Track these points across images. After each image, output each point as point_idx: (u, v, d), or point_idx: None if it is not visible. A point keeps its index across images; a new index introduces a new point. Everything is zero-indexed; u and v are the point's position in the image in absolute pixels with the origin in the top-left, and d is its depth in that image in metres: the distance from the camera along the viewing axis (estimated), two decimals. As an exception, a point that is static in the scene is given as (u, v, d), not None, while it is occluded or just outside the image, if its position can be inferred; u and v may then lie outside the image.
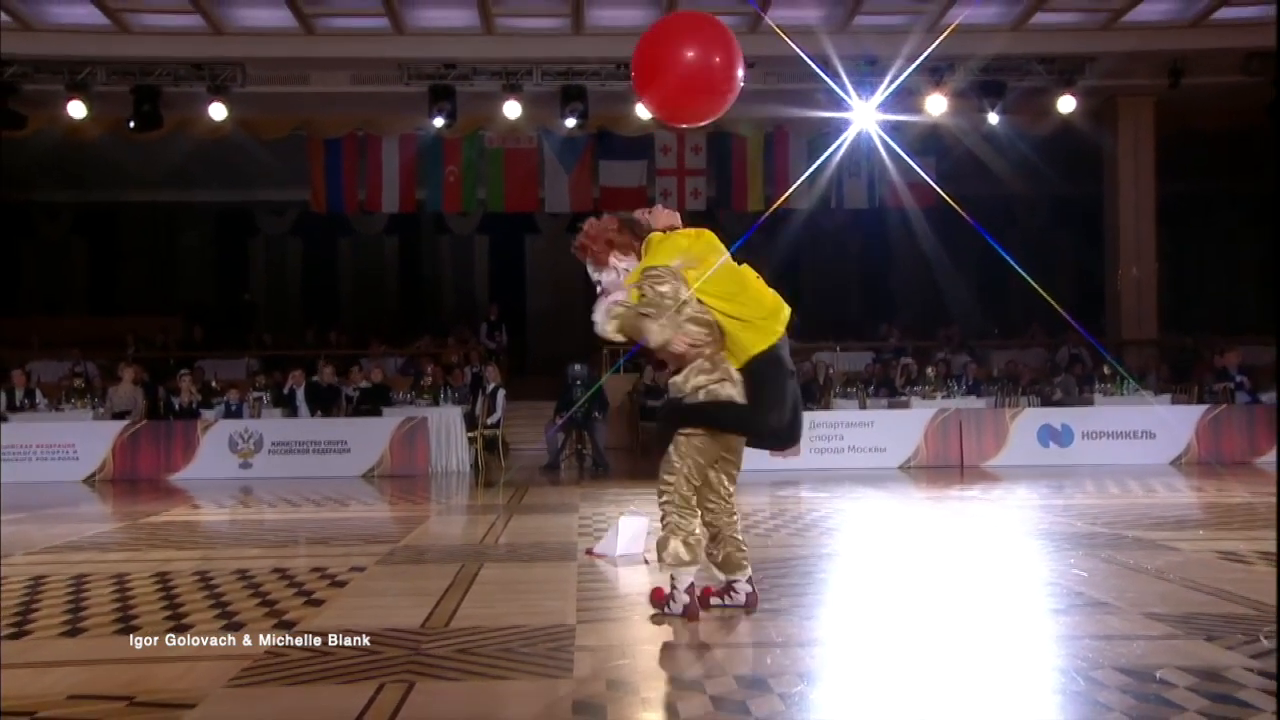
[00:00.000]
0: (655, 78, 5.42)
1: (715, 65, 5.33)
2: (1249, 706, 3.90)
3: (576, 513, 10.21)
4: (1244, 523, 9.12)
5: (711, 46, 5.36)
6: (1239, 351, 17.46)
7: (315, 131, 19.57)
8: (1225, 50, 16.97)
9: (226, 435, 15.22)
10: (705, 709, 3.98)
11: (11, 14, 15.51)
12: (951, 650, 4.91)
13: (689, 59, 5.32)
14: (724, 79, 5.35)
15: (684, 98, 5.45)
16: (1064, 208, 23.04)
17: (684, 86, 5.37)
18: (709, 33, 5.47)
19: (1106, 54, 17.18)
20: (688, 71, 5.30)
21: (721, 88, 5.38)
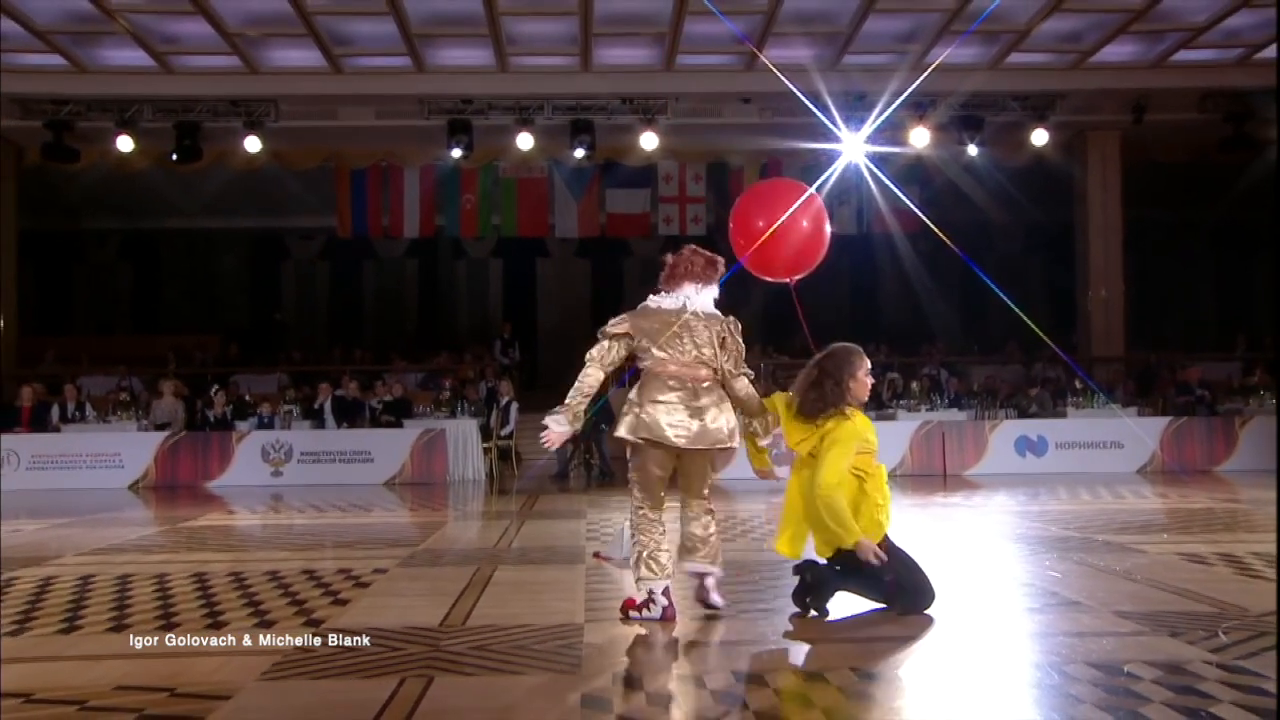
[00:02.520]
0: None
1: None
2: (1209, 697, 3.89)
3: (584, 519, 10.22)
4: (1204, 526, 9.11)
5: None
6: (1199, 368, 17.49)
7: (342, 163, 19.64)
8: (1184, 90, 17.05)
9: (259, 446, 15.25)
10: (705, 702, 3.98)
11: (67, 57, 15.61)
12: (935, 646, 4.91)
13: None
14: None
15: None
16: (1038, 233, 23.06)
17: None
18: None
19: (1076, 91, 17.23)
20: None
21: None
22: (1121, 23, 15.21)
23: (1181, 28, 15.52)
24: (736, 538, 8.85)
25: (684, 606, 5.87)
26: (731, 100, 17.52)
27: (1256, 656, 4.45)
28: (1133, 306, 19.78)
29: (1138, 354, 19.50)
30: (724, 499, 12.28)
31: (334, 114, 17.54)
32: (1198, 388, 16.47)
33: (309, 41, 15.35)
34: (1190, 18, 15.23)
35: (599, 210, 20.45)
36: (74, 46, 15.49)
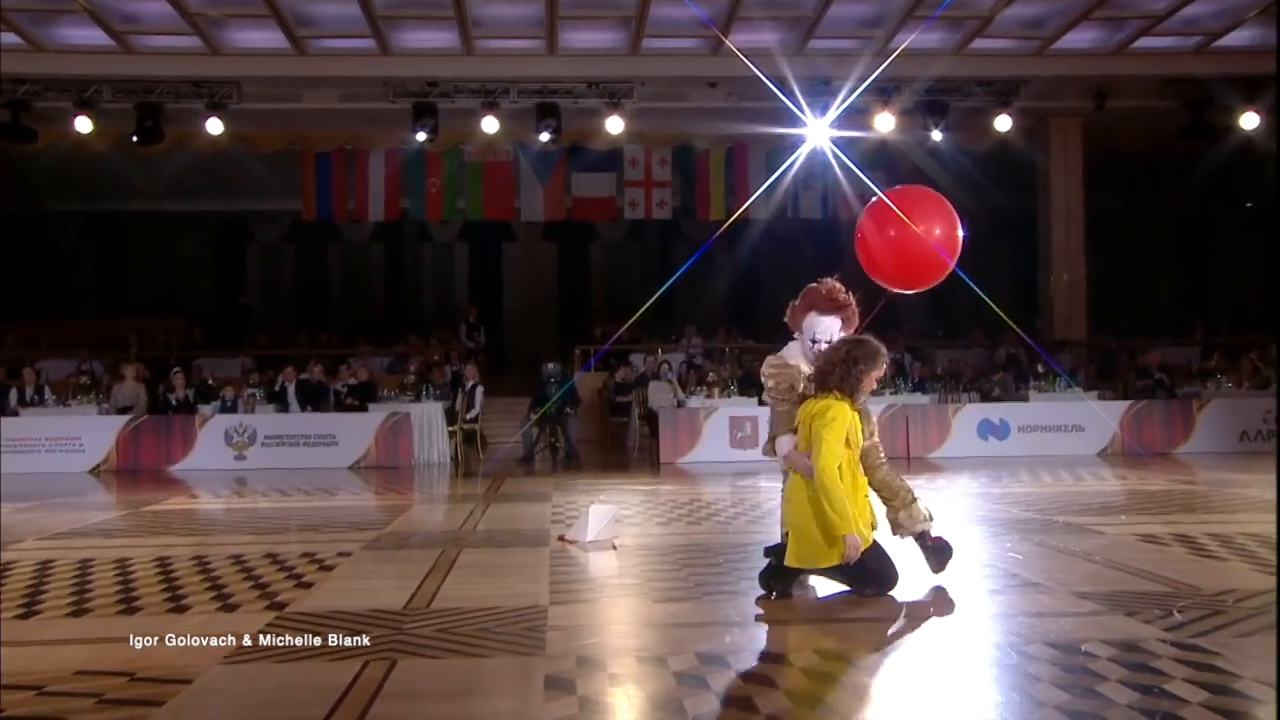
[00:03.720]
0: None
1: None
2: (1163, 674, 3.95)
3: (550, 502, 10.21)
4: (1162, 508, 9.22)
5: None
6: (1159, 352, 17.68)
7: (307, 145, 19.48)
8: (1144, 77, 17.20)
9: (222, 429, 15.14)
10: (668, 684, 3.99)
11: (23, 36, 15.38)
12: (899, 628, 4.95)
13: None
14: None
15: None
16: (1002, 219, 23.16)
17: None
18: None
19: (1038, 78, 17.34)
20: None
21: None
22: (1083, 9, 15.31)
23: (1142, 15, 15.66)
24: (701, 521, 8.87)
25: (647, 589, 5.89)
26: (698, 84, 17.50)
27: (1209, 635, 4.51)
28: (1094, 291, 19.96)
29: (1099, 338, 19.69)
30: (688, 482, 12.34)
31: (298, 96, 17.38)
32: (1157, 372, 16.65)
33: (272, 22, 15.20)
34: (1150, 5, 15.37)
35: (565, 194, 20.41)
36: (31, 25, 15.26)
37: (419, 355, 20.05)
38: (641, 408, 16.82)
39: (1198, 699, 3.64)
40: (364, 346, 20.95)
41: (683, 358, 19.49)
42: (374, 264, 26.57)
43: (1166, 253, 25.77)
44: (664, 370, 17.27)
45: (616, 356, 19.41)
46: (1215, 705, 3.57)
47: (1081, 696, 3.73)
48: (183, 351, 20.27)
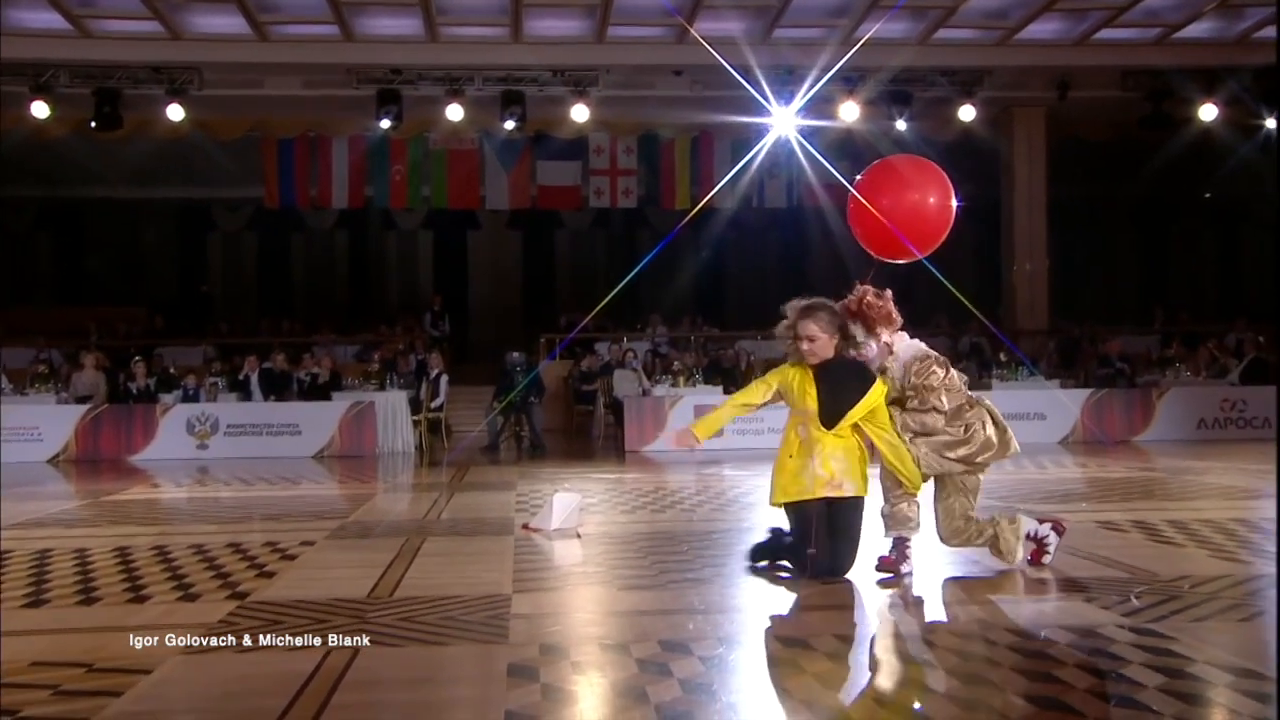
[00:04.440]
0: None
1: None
2: (1120, 659, 3.99)
3: (514, 490, 10.19)
4: (1122, 495, 9.33)
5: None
6: (1120, 341, 17.87)
7: (269, 132, 19.31)
8: (1106, 67, 17.35)
9: (184, 418, 15.02)
10: (630, 671, 3.99)
11: (-25, 18, 15.13)
12: (860, 614, 4.99)
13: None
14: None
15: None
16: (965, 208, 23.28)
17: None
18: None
19: (1002, 68, 17.46)
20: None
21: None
22: (1046, 0, 15.40)
23: (1103, 7, 15.77)
24: (666, 509, 8.89)
25: (611, 577, 5.89)
26: (663, 73, 17.48)
27: (1166, 619, 4.57)
28: (1056, 280, 20.13)
29: (1060, 326, 19.86)
30: (653, 470, 12.37)
31: (260, 83, 17.23)
32: (1118, 360, 16.82)
33: (233, 7, 15.05)
34: (1112, -4, 15.50)
35: (530, 182, 20.35)
36: (-16, 8, 15.02)
37: (384, 344, 19.95)
38: (606, 396, 16.82)
39: (1154, 683, 3.68)
40: (327, 335, 20.83)
41: (648, 346, 19.50)
42: (338, 252, 26.41)
43: (1127, 242, 26.04)
44: (629, 359, 17.28)
45: (582, 345, 19.39)
46: (1171, 689, 3.62)
47: (1040, 681, 3.77)
48: (144, 340, 20.07)
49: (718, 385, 16.06)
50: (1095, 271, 24.94)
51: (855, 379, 5.60)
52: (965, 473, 5.65)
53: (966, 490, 5.69)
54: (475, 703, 3.72)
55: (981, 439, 5.59)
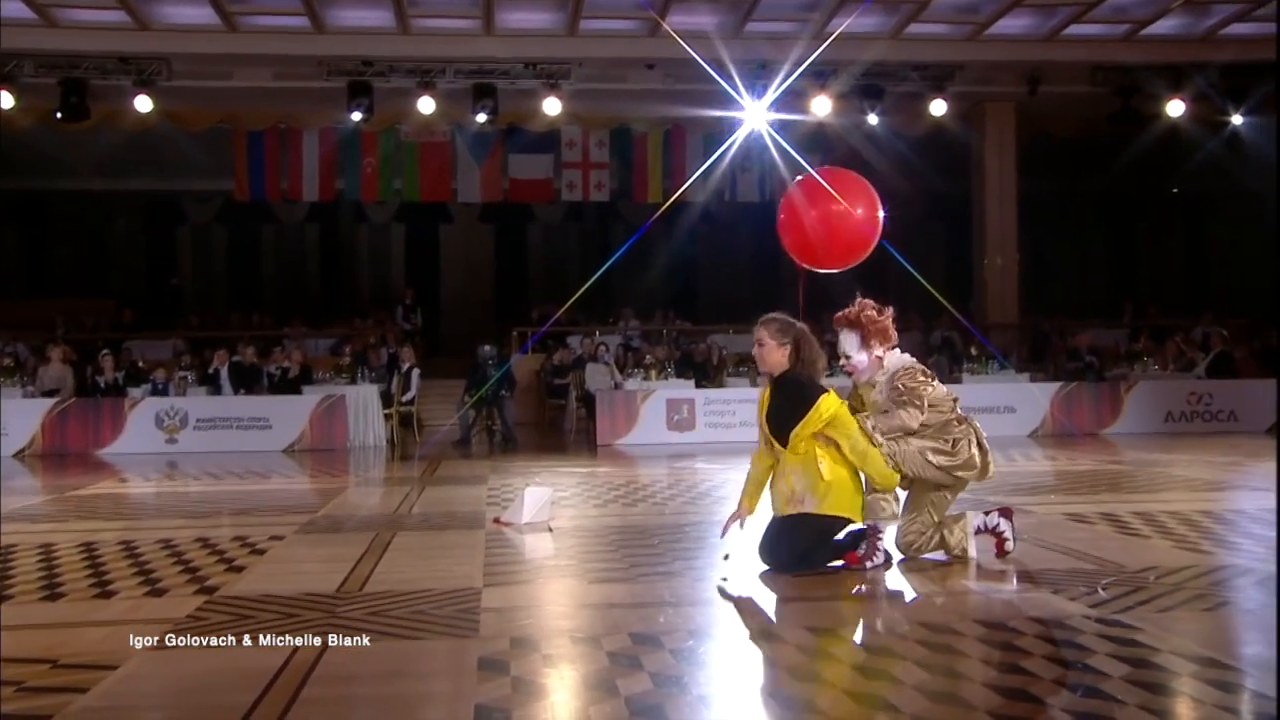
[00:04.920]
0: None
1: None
2: (1086, 649, 4.03)
3: (485, 484, 10.17)
4: (1090, 488, 9.40)
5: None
6: (1089, 335, 18.01)
7: (239, 124, 19.15)
8: (1075, 63, 17.45)
9: (153, 412, 14.91)
10: (601, 663, 4.00)
11: (-62, 7, 14.93)
12: (829, 608, 5.00)
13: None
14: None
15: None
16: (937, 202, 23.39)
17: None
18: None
19: (973, 63, 17.53)
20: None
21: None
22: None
23: (1072, 3, 15.87)
24: (637, 502, 8.90)
25: (582, 570, 5.90)
26: (635, 66, 17.45)
27: (1132, 610, 4.61)
28: (1026, 274, 20.25)
29: (1030, 321, 19.99)
30: (625, 464, 12.37)
31: (229, 74, 17.08)
32: (1087, 354, 16.95)
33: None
34: (1081, -8, 15.59)
35: (502, 175, 20.28)
36: (-53, -3, 14.83)
37: (355, 337, 19.86)
38: (579, 390, 16.81)
39: (1119, 673, 3.72)
40: (298, 328, 20.71)
41: (620, 340, 19.50)
42: (309, 245, 26.25)
43: (1096, 237, 26.24)
44: (601, 352, 17.27)
45: (554, 339, 19.36)
46: (1135, 678, 3.65)
47: (1008, 672, 3.80)
48: (112, 333, 19.90)
49: (689, 379, 16.09)
50: (1065, 266, 25.11)
51: (799, 395, 5.61)
52: (941, 485, 5.69)
53: (935, 508, 5.76)
54: (446, 697, 3.71)
55: (965, 456, 5.66)
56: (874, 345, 5.79)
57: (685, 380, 15.99)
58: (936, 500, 5.76)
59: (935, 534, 5.78)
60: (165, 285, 24.61)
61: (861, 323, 5.80)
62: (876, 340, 5.79)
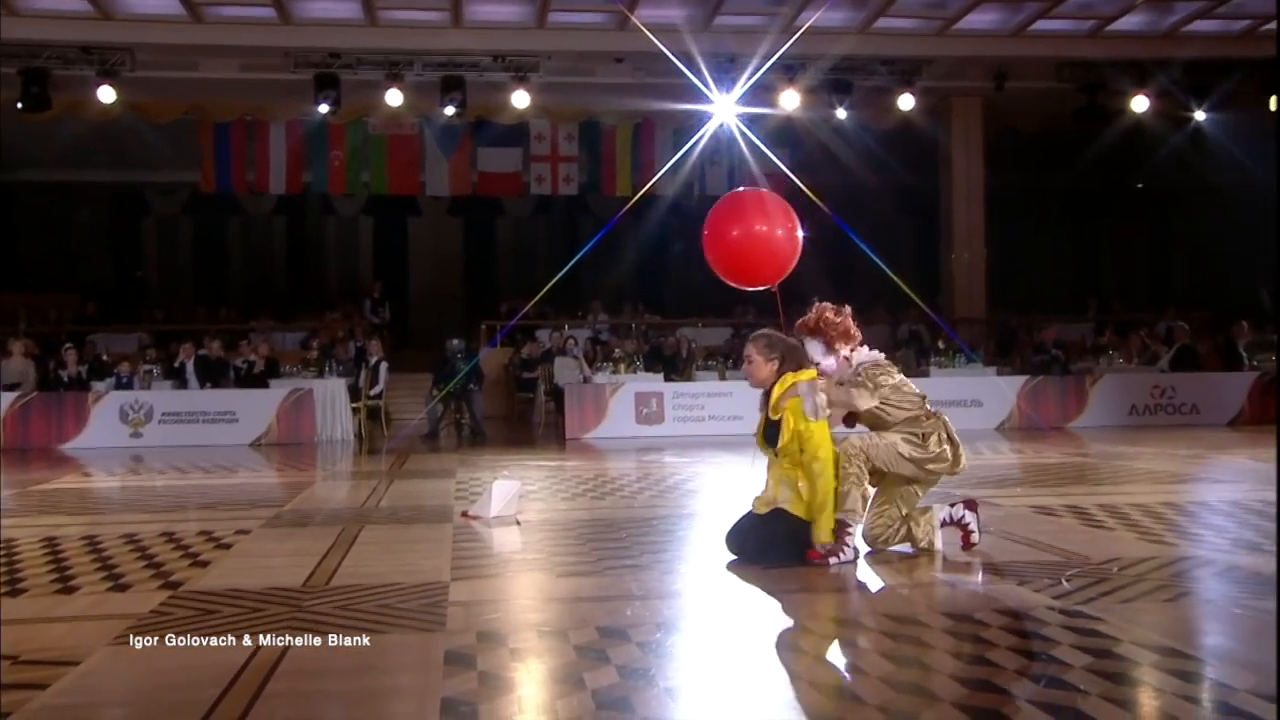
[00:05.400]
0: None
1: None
2: (1050, 640, 4.06)
3: (454, 478, 10.14)
4: (1055, 480, 9.49)
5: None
6: (1055, 329, 18.15)
7: (205, 116, 18.97)
8: (1042, 59, 17.57)
9: (117, 406, 14.78)
10: (568, 657, 3.99)
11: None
12: (795, 598, 5.02)
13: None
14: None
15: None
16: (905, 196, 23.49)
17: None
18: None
19: (941, 58, 17.62)
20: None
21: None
22: (984, -9, 15.59)
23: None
24: (606, 496, 8.90)
25: (550, 564, 5.89)
26: (604, 59, 17.43)
27: (1094, 601, 4.65)
28: (994, 269, 20.38)
29: (997, 315, 20.12)
30: (594, 457, 12.37)
31: (195, 65, 16.93)
32: (1053, 348, 17.08)
33: (167, -13, 14.77)
34: (1048, -12, 15.69)
35: (470, 168, 20.21)
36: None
37: (323, 331, 19.75)
38: (547, 384, 16.79)
39: (1081, 663, 3.75)
40: (265, 322, 20.58)
41: (589, 333, 19.50)
42: (276, 238, 26.08)
43: (1062, 231, 26.42)
44: (570, 346, 17.26)
45: (523, 332, 19.33)
46: (1096, 668, 3.68)
47: (972, 663, 3.82)
48: (75, 326, 19.72)
49: (658, 372, 16.10)
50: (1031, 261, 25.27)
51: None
52: (912, 480, 5.72)
53: (904, 501, 5.80)
54: (412, 691, 3.69)
55: (936, 450, 5.69)
56: (838, 347, 5.83)
57: (654, 374, 16.00)
58: (906, 494, 5.80)
59: (902, 526, 5.81)
60: (130, 278, 24.40)
61: (821, 328, 5.85)
62: (840, 342, 5.84)
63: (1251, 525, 6.63)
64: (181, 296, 24.40)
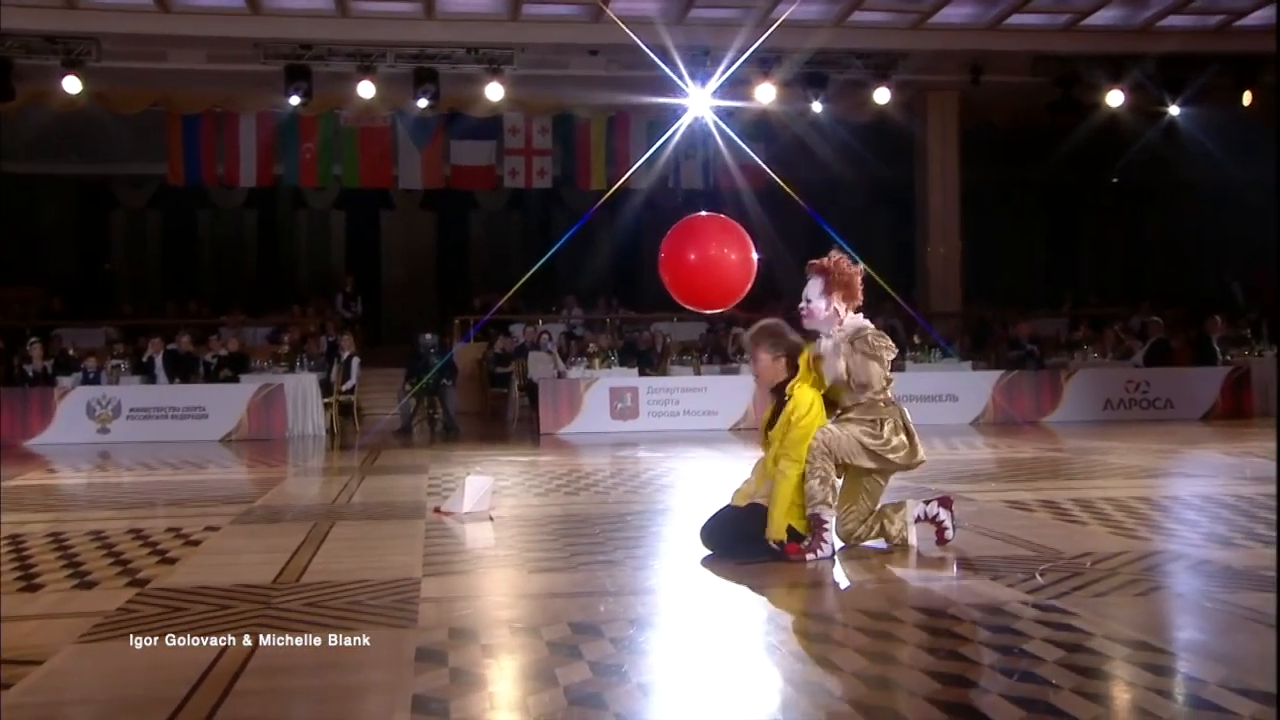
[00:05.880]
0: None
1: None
2: (1023, 635, 4.09)
3: (426, 473, 10.12)
4: (1030, 475, 9.55)
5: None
6: (1030, 324, 18.24)
7: (173, 107, 18.83)
8: (1017, 53, 17.65)
9: (84, 401, 14.65)
10: (540, 653, 3.99)
11: None
12: (771, 594, 5.03)
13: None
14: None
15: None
16: (881, 190, 23.57)
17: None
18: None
19: (916, 51, 17.66)
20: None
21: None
22: (959, -16, 15.65)
23: (1014, -9, 16.06)
24: (579, 491, 8.90)
25: (523, 560, 5.89)
26: (578, 52, 17.40)
27: (1067, 596, 4.69)
28: (969, 263, 20.47)
29: (973, 309, 20.22)
30: (568, 453, 12.37)
31: (163, 56, 16.79)
32: (1028, 343, 17.17)
33: (133, -24, 14.64)
34: (1022, -19, 15.78)
35: (443, 162, 20.16)
36: None
37: (294, 325, 19.66)
38: (521, 379, 16.76)
39: (1053, 657, 3.78)
40: (236, 316, 20.47)
41: (563, 328, 19.49)
42: (246, 231, 25.91)
43: (1037, 226, 26.59)
44: (544, 341, 17.24)
45: (496, 327, 19.28)
46: (1069, 662, 3.71)
47: (945, 659, 3.84)
48: (41, 321, 19.52)
49: (633, 367, 16.09)
50: (1007, 255, 25.42)
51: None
52: (874, 470, 5.73)
53: (869, 495, 5.82)
54: (382, 688, 3.68)
55: (893, 440, 5.69)
56: (835, 297, 5.78)
57: (629, 368, 15.99)
58: (870, 487, 5.80)
59: (876, 522, 5.83)
60: (97, 272, 24.18)
61: (829, 269, 5.81)
62: (840, 292, 5.78)
63: (1223, 520, 6.69)
64: (150, 290, 24.22)
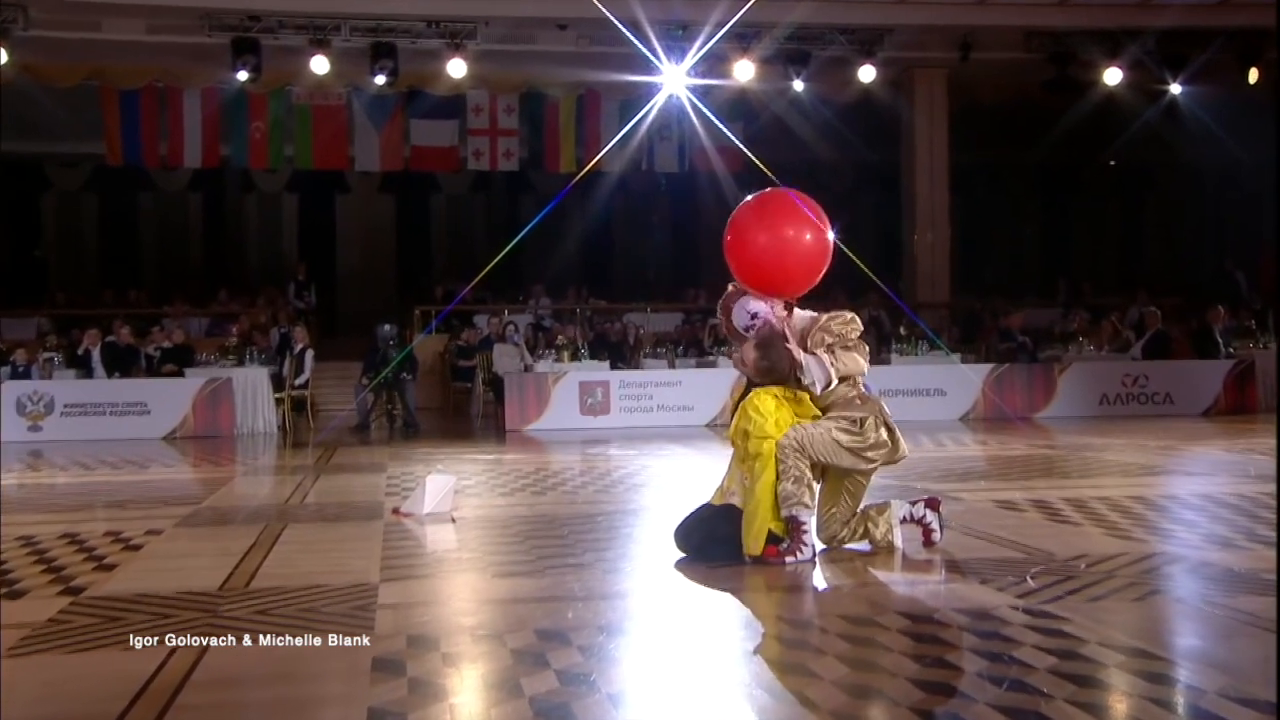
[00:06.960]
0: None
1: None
2: (1013, 641, 4.11)
3: (385, 472, 10.10)
4: (1021, 473, 9.60)
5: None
6: (1022, 314, 18.34)
7: (109, 81, 18.59)
8: (1008, 28, 17.70)
9: (13, 398, 14.52)
10: (504, 662, 3.99)
11: None
12: (747, 600, 5.05)
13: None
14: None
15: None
16: (866, 173, 23.63)
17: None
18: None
19: (903, 26, 17.69)
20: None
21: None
22: (947, -45, 15.69)
23: (1006, -37, 16.12)
24: (547, 491, 8.89)
25: (486, 563, 5.88)
26: (547, 26, 17.36)
27: (1060, 600, 4.72)
28: (958, 250, 20.55)
29: (962, 300, 20.31)
30: (535, 450, 12.36)
31: (97, 25, 16.62)
32: (1019, 335, 17.27)
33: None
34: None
35: (403, 142, 20.05)
36: None
37: (243, 316, 19.54)
38: (486, 372, 16.73)
39: (1045, 665, 3.80)
40: (180, 306, 20.34)
41: (530, 319, 19.46)
42: (191, 215, 25.75)
43: (1030, 211, 26.74)
44: (510, 332, 17.22)
45: (459, 318, 19.24)
46: (1062, 670, 3.74)
47: (930, 666, 3.86)
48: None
49: (604, 360, 16.10)
50: (998, 241, 25.56)
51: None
52: (853, 469, 5.75)
53: (852, 496, 5.84)
54: (337, 700, 3.68)
55: (873, 437, 5.70)
56: (769, 300, 5.93)
57: (599, 362, 16.00)
58: (852, 487, 5.82)
59: (859, 525, 5.85)
60: (27, 258, 23.96)
61: (739, 290, 5.98)
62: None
63: (1224, 520, 6.75)
64: (86, 278, 24.04)
